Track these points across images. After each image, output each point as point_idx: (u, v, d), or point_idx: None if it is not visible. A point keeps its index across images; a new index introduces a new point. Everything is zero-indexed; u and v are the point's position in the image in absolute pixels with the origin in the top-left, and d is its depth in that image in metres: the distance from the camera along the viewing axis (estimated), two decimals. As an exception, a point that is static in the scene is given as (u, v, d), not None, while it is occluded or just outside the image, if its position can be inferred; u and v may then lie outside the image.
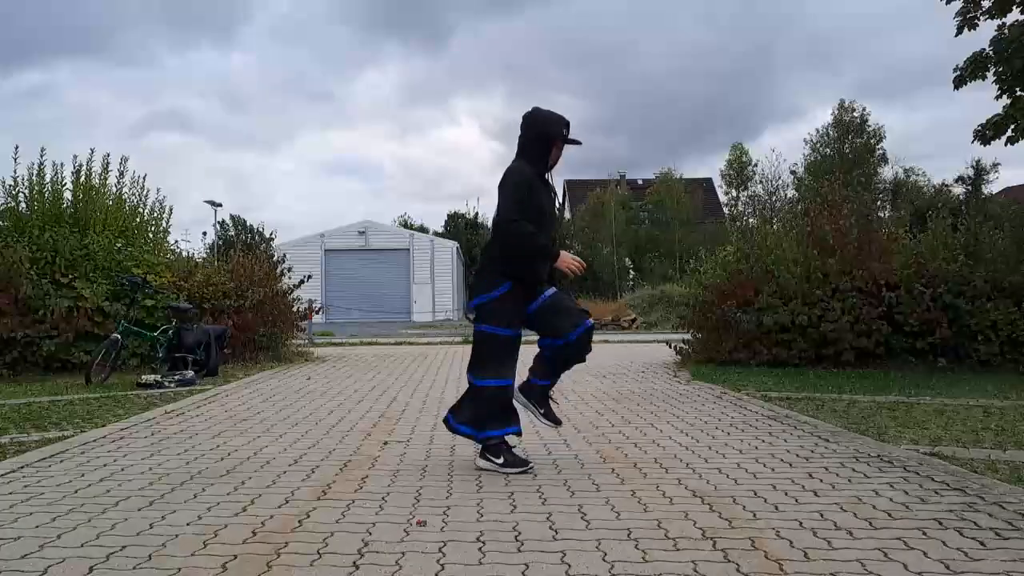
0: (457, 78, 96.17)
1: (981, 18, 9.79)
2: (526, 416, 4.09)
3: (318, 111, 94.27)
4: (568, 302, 4.05)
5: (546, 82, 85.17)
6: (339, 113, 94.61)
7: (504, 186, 3.92)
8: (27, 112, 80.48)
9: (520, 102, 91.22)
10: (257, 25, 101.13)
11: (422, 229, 50.44)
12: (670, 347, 10.72)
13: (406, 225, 52.00)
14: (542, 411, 4.09)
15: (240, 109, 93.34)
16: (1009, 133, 9.78)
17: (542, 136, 3.98)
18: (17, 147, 10.36)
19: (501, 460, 3.87)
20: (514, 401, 4.01)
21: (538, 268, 3.93)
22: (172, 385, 7.69)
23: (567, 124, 4.00)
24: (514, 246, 3.86)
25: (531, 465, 3.89)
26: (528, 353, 4.06)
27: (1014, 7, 9.52)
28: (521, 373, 4.03)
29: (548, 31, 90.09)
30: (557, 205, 4.16)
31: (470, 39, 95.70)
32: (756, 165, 49.67)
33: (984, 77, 9.78)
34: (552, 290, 4.00)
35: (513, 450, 3.96)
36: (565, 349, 3.94)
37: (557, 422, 4.18)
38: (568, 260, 3.92)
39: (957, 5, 9.94)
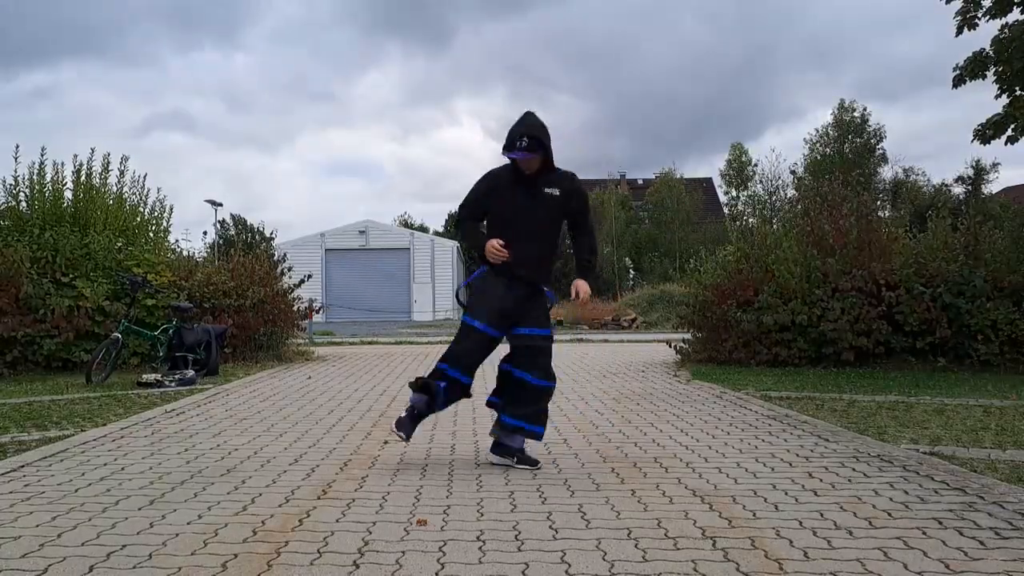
0: (458, 78, 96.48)
1: (981, 18, 9.79)
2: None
3: (319, 111, 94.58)
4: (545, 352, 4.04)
5: (547, 82, 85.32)
6: (340, 113, 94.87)
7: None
8: (32, 112, 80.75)
9: (521, 102, 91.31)
10: (260, 26, 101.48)
11: (422, 229, 50.51)
12: (670, 347, 10.73)
13: (406, 225, 52.05)
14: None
15: (242, 109, 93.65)
16: (1009, 132, 9.77)
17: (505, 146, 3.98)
18: (18, 146, 10.37)
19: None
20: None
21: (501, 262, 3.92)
22: (172, 384, 7.69)
23: (514, 135, 3.86)
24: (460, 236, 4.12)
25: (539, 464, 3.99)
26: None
27: (1014, 7, 9.52)
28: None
29: (549, 32, 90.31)
30: (547, 205, 3.97)
31: (472, 40, 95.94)
32: (756, 165, 49.72)
33: (984, 76, 9.78)
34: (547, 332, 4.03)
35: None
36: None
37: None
38: (489, 247, 3.91)
39: (957, 5, 9.94)
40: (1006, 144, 9.90)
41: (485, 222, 4.09)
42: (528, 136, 3.84)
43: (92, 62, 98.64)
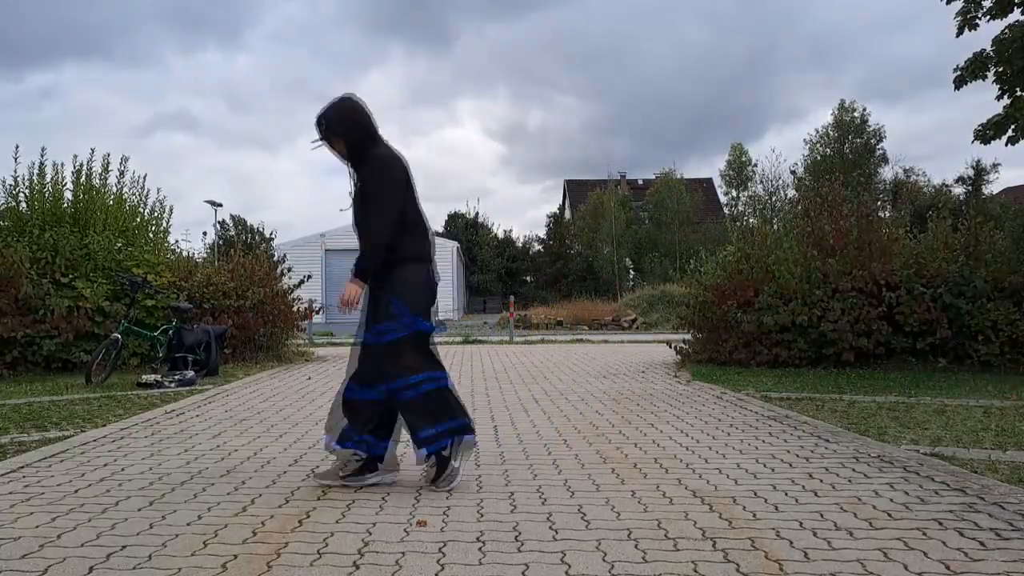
0: (460, 79, 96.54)
1: (982, 18, 9.78)
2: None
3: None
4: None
5: (548, 83, 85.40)
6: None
7: None
8: (37, 113, 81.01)
9: (523, 103, 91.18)
10: (262, 27, 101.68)
11: (422, 229, 50.40)
12: (670, 347, 10.72)
13: (406, 225, 51.90)
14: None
15: (244, 110, 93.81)
16: (1010, 133, 9.76)
17: None
18: (18, 146, 10.39)
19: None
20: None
21: None
22: (172, 385, 7.69)
23: (317, 122, 3.60)
24: None
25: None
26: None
27: (1015, 7, 9.51)
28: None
29: (551, 33, 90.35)
30: (359, 188, 3.61)
31: (474, 40, 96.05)
32: (755, 165, 49.73)
33: (984, 77, 9.77)
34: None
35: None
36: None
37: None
38: None
39: (958, 5, 9.93)
40: (1007, 145, 9.89)
41: None
42: (324, 118, 3.57)
43: (96, 63, 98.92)
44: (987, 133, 9.90)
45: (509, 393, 7.20)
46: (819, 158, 44.47)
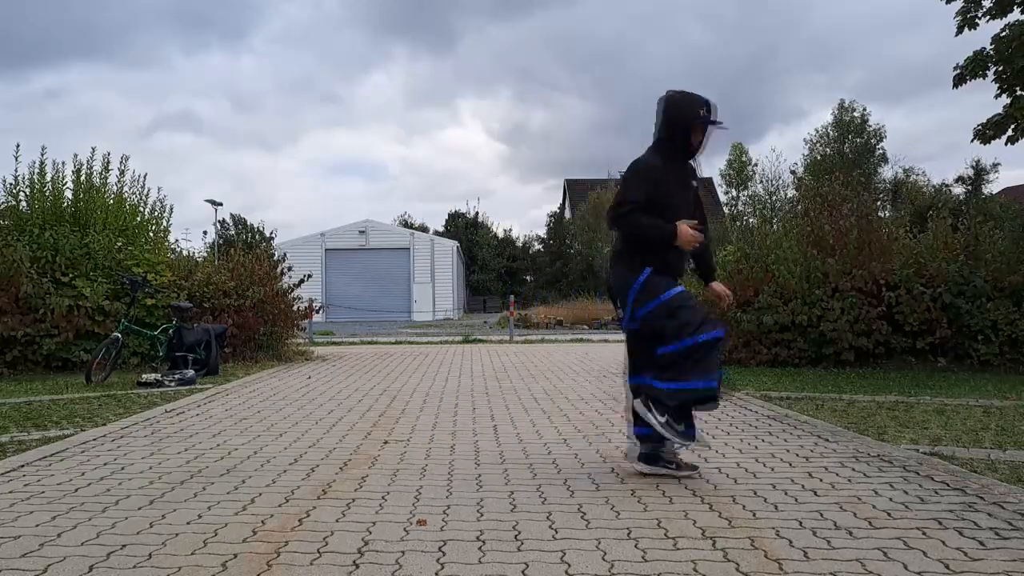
0: (463, 80, 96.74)
1: (981, 18, 9.78)
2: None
3: (324, 112, 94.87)
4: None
5: (551, 84, 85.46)
6: (345, 115, 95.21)
7: (622, 178, 3.88)
8: (42, 114, 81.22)
9: (525, 103, 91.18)
10: (266, 29, 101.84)
11: (422, 228, 50.53)
12: (670, 347, 10.71)
13: (406, 225, 52.03)
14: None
15: (247, 110, 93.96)
16: (1009, 132, 9.77)
17: (676, 121, 3.67)
18: (18, 145, 10.38)
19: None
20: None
21: (663, 255, 3.69)
22: (172, 384, 7.69)
23: (705, 104, 3.63)
24: (626, 233, 3.76)
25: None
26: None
27: (1015, 7, 9.52)
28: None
29: (554, 34, 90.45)
30: (696, 191, 3.76)
31: (476, 41, 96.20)
32: (756, 165, 49.70)
33: (984, 76, 9.78)
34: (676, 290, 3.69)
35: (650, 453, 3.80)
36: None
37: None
38: (685, 232, 3.59)
39: (958, 5, 9.94)
40: (1006, 144, 9.91)
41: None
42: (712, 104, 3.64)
43: (100, 64, 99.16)
44: (987, 133, 9.91)
45: (509, 392, 7.20)
46: (819, 158, 44.45)
